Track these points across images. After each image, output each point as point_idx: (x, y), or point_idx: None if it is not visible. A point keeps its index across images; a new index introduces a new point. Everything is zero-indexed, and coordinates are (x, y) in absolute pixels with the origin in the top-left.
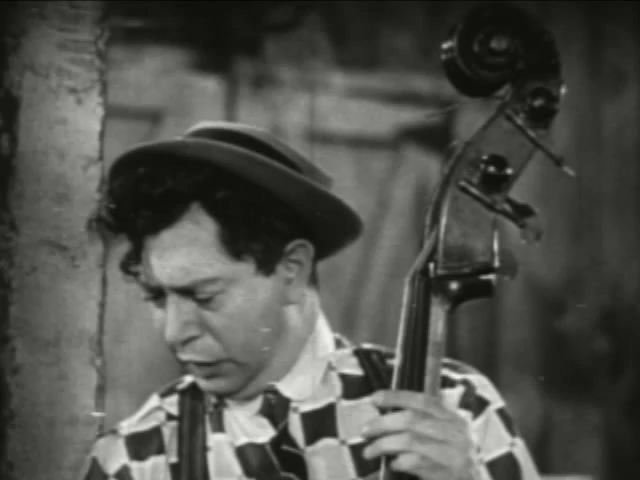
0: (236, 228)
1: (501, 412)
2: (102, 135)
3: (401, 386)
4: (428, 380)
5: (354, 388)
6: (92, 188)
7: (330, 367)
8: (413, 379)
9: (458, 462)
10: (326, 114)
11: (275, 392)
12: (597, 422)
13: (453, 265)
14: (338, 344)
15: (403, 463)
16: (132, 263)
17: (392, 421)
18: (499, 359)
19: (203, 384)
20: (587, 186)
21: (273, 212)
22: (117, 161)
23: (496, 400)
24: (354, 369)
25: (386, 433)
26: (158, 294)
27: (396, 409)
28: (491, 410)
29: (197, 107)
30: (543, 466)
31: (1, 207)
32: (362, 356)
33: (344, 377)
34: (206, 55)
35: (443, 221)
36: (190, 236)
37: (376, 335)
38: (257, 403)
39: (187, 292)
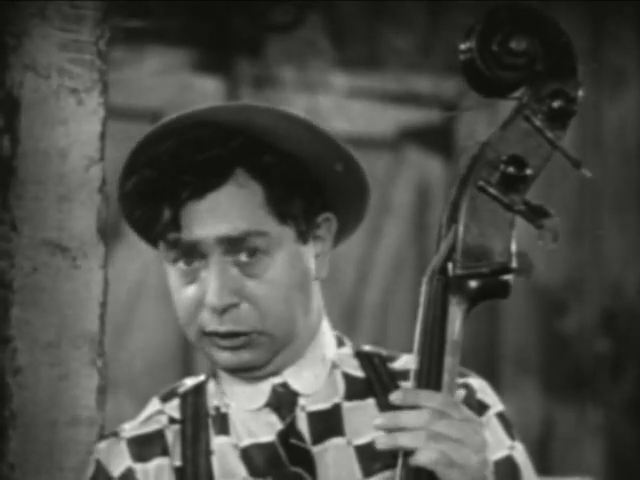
0: (279, 192)
1: (501, 416)
2: (103, 136)
3: (419, 385)
4: (446, 379)
5: (357, 389)
6: (93, 189)
7: (334, 366)
8: (431, 378)
9: (474, 462)
10: (327, 114)
11: (284, 385)
12: (598, 423)
13: (471, 265)
14: (339, 342)
15: (421, 458)
16: (171, 230)
17: (410, 418)
18: (500, 360)
19: (226, 357)
20: (588, 186)
21: (309, 180)
22: (155, 130)
23: (496, 404)
24: (356, 370)
25: (403, 429)
26: (195, 258)
27: (413, 407)
28: (491, 414)
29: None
30: (544, 467)
31: (2, 207)
32: (363, 358)
33: (347, 376)
34: (207, 55)
35: (462, 221)
36: (239, 196)
37: (377, 335)
38: (264, 396)
39: (234, 245)
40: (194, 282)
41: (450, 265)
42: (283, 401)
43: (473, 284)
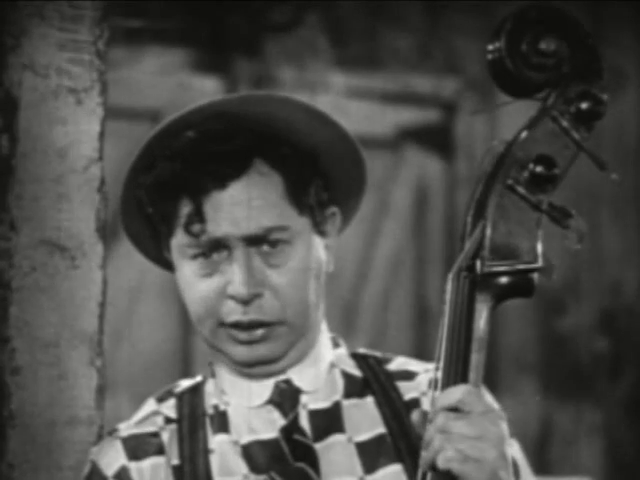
0: (297, 182)
1: None
2: (102, 135)
3: (446, 383)
4: (472, 377)
5: (355, 387)
6: (92, 188)
7: (332, 365)
8: (457, 376)
9: (491, 456)
10: None
11: (287, 381)
12: (596, 422)
13: (499, 263)
14: (335, 344)
15: (438, 462)
16: (195, 222)
17: (427, 436)
18: (499, 359)
19: (241, 351)
20: (587, 186)
21: (320, 172)
22: (173, 122)
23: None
24: (353, 369)
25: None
26: (214, 251)
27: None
28: None
29: None
30: (543, 467)
31: (1, 207)
32: (359, 359)
33: (345, 375)
34: (206, 55)
35: (490, 218)
36: (260, 186)
37: (376, 335)
38: (266, 392)
39: (257, 241)
40: (214, 274)
41: (478, 263)
42: (285, 398)
43: (500, 282)
